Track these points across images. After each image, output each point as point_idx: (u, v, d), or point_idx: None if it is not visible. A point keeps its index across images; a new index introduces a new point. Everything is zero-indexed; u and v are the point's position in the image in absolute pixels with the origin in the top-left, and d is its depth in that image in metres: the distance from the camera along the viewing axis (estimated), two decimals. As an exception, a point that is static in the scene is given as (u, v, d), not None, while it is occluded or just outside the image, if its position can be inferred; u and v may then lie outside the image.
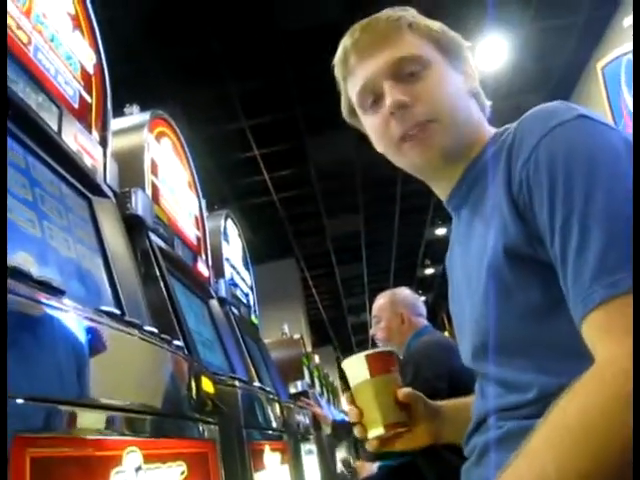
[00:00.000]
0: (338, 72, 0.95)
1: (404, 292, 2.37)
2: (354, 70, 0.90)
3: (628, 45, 4.13)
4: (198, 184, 2.56)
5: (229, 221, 3.17)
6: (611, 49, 4.47)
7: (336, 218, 7.77)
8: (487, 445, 0.79)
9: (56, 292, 0.69)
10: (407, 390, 0.91)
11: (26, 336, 0.61)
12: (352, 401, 0.91)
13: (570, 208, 0.66)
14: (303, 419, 2.56)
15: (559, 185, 0.67)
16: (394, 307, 2.29)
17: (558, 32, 4.87)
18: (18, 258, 0.87)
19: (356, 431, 0.91)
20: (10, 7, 1.16)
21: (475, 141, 0.88)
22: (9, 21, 1.16)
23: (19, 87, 1.14)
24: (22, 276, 0.63)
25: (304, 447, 2.38)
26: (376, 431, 0.87)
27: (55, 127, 1.27)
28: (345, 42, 0.92)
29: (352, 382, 0.90)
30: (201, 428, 1.11)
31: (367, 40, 0.88)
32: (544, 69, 5.37)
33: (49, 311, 0.65)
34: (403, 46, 0.86)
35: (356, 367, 0.88)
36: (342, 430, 2.83)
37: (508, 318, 0.75)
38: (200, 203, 2.55)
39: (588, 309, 0.62)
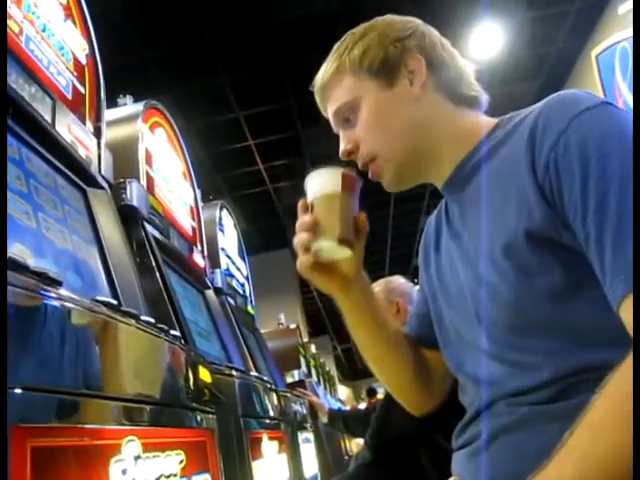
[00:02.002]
0: None
1: (399, 281, 2.37)
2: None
3: (622, 33, 4.13)
4: (193, 174, 2.55)
5: (224, 211, 3.17)
6: (605, 37, 4.47)
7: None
8: (500, 430, 0.77)
9: (53, 283, 0.69)
10: (364, 216, 0.92)
11: (24, 327, 0.61)
12: (307, 210, 0.90)
13: (605, 189, 0.65)
14: (300, 408, 2.58)
15: (592, 167, 0.67)
16: (389, 296, 2.29)
17: (552, 20, 4.86)
18: (14, 249, 0.87)
19: (301, 237, 0.88)
20: (1, -3, 1.15)
21: (452, 133, 0.87)
22: (1, 11, 1.15)
23: (12, 78, 1.14)
24: (19, 267, 0.63)
25: (301, 436, 2.40)
26: (327, 242, 0.85)
27: (49, 118, 1.26)
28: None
29: (319, 191, 0.87)
30: (199, 417, 1.12)
31: (317, 95, 0.95)
32: (538, 57, 5.36)
33: (46, 301, 0.65)
34: (335, 98, 0.91)
35: (328, 179, 0.87)
36: (338, 419, 2.84)
37: (526, 299, 0.74)
38: (195, 193, 2.54)
39: (629, 289, 0.61)
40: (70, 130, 1.36)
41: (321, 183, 0.88)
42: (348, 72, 0.89)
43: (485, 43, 5.01)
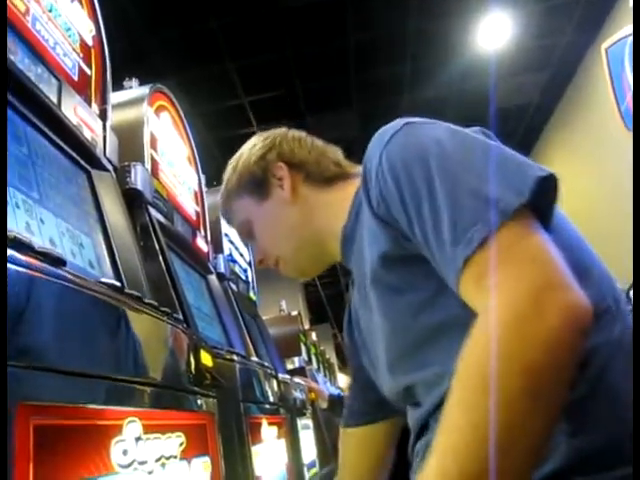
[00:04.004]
0: None
1: None
2: None
3: (633, 25, 4.08)
4: (198, 159, 2.55)
5: (228, 197, 3.16)
6: (615, 29, 4.43)
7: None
8: (428, 447, 0.80)
9: (57, 263, 0.69)
10: None
11: (28, 306, 0.61)
12: None
13: (417, 198, 0.71)
14: (300, 394, 2.59)
15: (403, 183, 0.73)
16: None
17: (562, 11, 4.81)
18: (19, 229, 0.87)
19: None
20: (9, -25, 1.14)
21: (330, 215, 0.98)
22: (8, -10, 1.14)
23: (18, 58, 1.13)
24: (23, 246, 0.63)
25: (300, 422, 2.41)
26: None
27: (55, 99, 1.26)
28: None
29: None
30: (200, 401, 1.13)
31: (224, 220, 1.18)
32: (547, 48, 5.31)
33: (50, 281, 0.66)
34: (233, 221, 1.12)
35: None
36: (338, 405, 2.86)
37: (404, 319, 0.79)
38: (199, 178, 2.54)
39: (457, 276, 0.65)
40: (76, 112, 1.36)
41: None
42: (234, 197, 1.07)
43: (494, 34, 4.97)
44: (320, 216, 1.00)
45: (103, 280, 0.84)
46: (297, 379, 2.75)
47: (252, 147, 1.08)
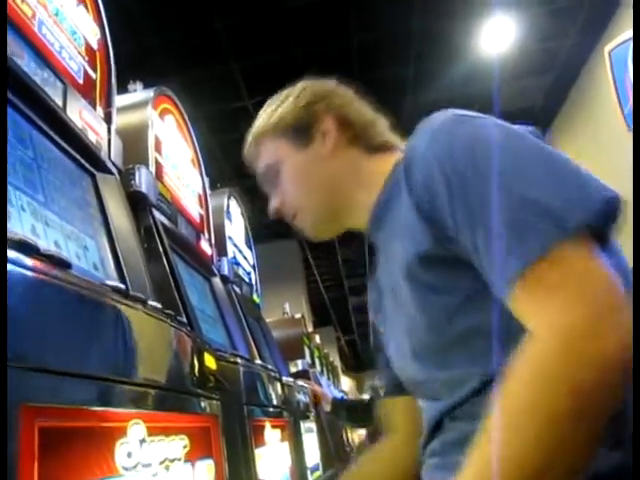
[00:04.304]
0: None
1: None
2: None
3: (637, 28, 4.08)
4: (202, 162, 2.55)
5: (232, 200, 3.17)
6: (619, 32, 4.43)
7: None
8: (447, 446, 0.80)
9: (62, 265, 0.69)
10: None
11: (33, 308, 0.62)
12: None
13: (468, 201, 0.69)
14: (303, 397, 2.59)
15: (454, 184, 0.70)
16: None
17: (565, 14, 4.81)
18: (24, 232, 0.87)
19: None
20: (15, -20, 1.15)
21: (365, 182, 0.95)
22: (14, -6, 1.15)
23: (24, 62, 1.14)
24: (29, 248, 0.63)
25: (304, 425, 2.41)
26: None
27: (60, 103, 1.27)
28: None
29: None
30: (203, 403, 1.13)
31: (246, 160, 1.09)
32: (551, 51, 5.32)
33: (55, 283, 0.66)
34: (259, 162, 1.04)
35: None
36: (342, 408, 2.86)
37: (440, 319, 0.77)
38: (203, 181, 2.54)
39: (508, 285, 0.63)
40: (81, 115, 1.37)
41: None
42: (269, 136, 1.01)
43: (497, 37, 4.97)
44: (354, 181, 0.96)
45: (107, 283, 0.84)
46: (300, 382, 2.75)
47: (301, 91, 1.01)
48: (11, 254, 0.59)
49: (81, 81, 1.45)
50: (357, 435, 5.39)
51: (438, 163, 0.73)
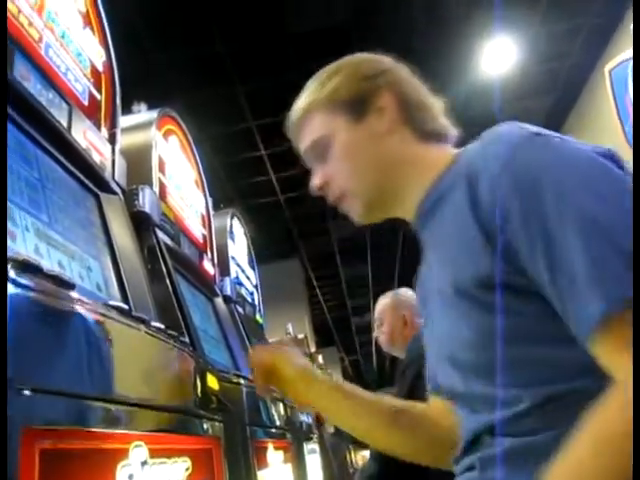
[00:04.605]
0: None
1: (407, 293, 2.35)
2: None
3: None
4: (205, 183, 2.56)
5: (235, 220, 3.18)
6: (619, 52, 4.46)
7: (341, 219, 7.74)
8: (487, 461, 0.77)
9: (66, 286, 0.69)
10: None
11: (36, 328, 0.61)
12: None
13: (547, 229, 0.65)
14: (306, 418, 2.57)
15: (531, 209, 0.67)
16: (396, 309, 2.27)
17: (566, 35, 4.86)
18: (28, 252, 0.87)
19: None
20: (22, 4, 1.17)
21: (417, 169, 0.89)
22: (21, 19, 1.17)
23: (30, 84, 1.15)
24: (33, 269, 0.63)
25: (307, 446, 2.39)
26: None
27: (65, 124, 1.28)
28: None
29: None
30: (206, 425, 1.12)
31: (289, 131, 0.99)
32: (552, 72, 5.36)
33: (59, 304, 0.66)
34: (306, 134, 0.94)
35: None
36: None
37: (490, 340, 0.74)
38: (207, 201, 2.55)
39: (590, 327, 0.61)
40: (85, 136, 1.38)
41: None
42: (320, 109, 0.92)
43: (498, 58, 5.01)
44: (407, 166, 0.89)
45: (110, 303, 0.84)
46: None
47: (360, 62, 0.93)
48: (14, 274, 0.59)
49: (86, 102, 1.46)
50: (361, 456, 5.33)
51: (513, 181, 0.69)
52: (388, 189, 0.91)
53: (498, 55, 4.98)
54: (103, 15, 1.61)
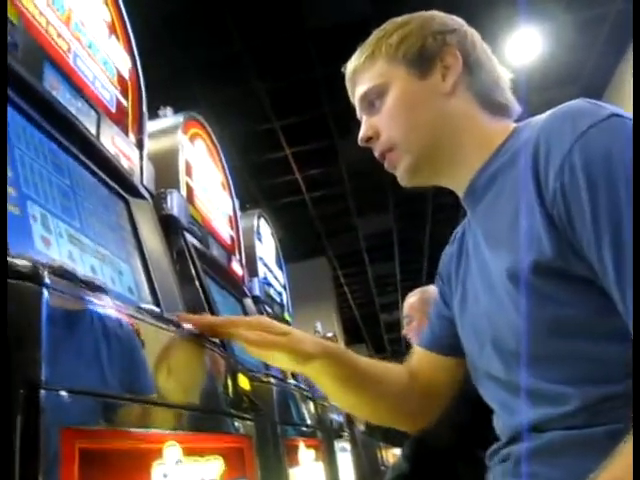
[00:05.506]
0: None
1: (435, 291, 2.33)
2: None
3: (666, 35, 4.02)
4: (231, 184, 2.59)
5: (262, 220, 3.20)
6: (647, 40, 4.37)
7: (367, 216, 7.75)
8: (526, 453, 0.75)
9: (99, 290, 0.71)
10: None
11: (72, 332, 0.63)
12: None
13: (618, 219, 0.62)
14: (337, 417, 2.58)
15: (601, 198, 0.63)
16: (425, 306, 2.26)
17: (592, 23, 4.77)
18: (62, 258, 0.90)
19: None
20: (50, 16, 1.20)
21: (474, 137, 0.85)
22: (50, 30, 1.20)
23: (60, 93, 1.18)
24: (68, 275, 0.65)
25: (338, 444, 2.39)
26: None
27: (94, 131, 1.31)
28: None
29: None
30: (237, 424, 1.13)
31: (347, 78, 0.95)
32: (578, 62, 5.26)
33: (93, 308, 0.68)
34: (364, 80, 0.90)
35: None
36: (376, 427, 2.83)
37: (540, 330, 0.72)
38: (234, 203, 2.58)
39: None
40: (114, 142, 1.41)
41: None
42: (383, 57, 0.88)
43: (523, 49, 4.95)
44: (465, 132, 0.85)
45: (142, 306, 0.86)
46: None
47: (431, 17, 0.89)
48: (51, 280, 0.61)
49: (113, 109, 1.49)
50: (392, 454, 5.31)
51: (585, 162, 0.65)
52: (440, 151, 0.86)
53: (523, 46, 4.92)
54: (127, 23, 1.64)
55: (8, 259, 0.61)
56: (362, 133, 0.91)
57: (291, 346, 0.94)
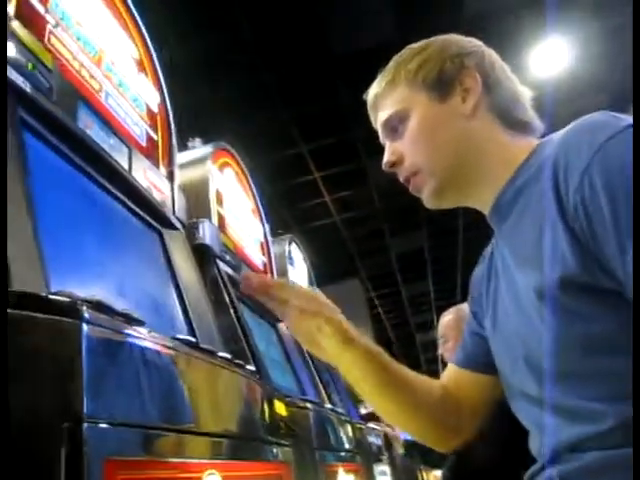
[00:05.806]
0: None
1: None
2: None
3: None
4: (262, 211, 2.62)
5: (293, 245, 3.22)
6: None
7: (399, 236, 7.72)
8: (568, 477, 0.73)
9: (137, 322, 0.73)
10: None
11: (111, 365, 0.65)
12: None
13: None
14: (375, 440, 2.55)
15: (622, 210, 0.63)
16: (460, 324, 2.23)
17: (619, 30, 4.71)
18: (101, 292, 0.92)
19: None
20: (83, 59, 1.25)
21: (497, 156, 0.85)
22: (83, 72, 1.24)
23: (93, 131, 1.22)
24: (106, 309, 0.67)
25: (377, 468, 2.36)
26: None
27: (126, 166, 1.35)
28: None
29: None
30: (275, 450, 1.13)
31: (369, 104, 0.97)
32: (606, 70, 5.20)
33: (131, 341, 0.69)
34: (386, 107, 0.92)
35: None
36: (414, 449, 2.79)
37: (571, 347, 0.71)
38: (265, 229, 2.61)
39: None
40: (145, 175, 1.44)
41: None
42: (403, 83, 0.90)
43: (550, 59, 4.92)
44: (487, 152, 0.86)
45: (178, 337, 0.88)
46: (372, 424, 2.70)
47: (449, 41, 0.91)
48: (90, 315, 0.63)
49: (144, 143, 1.53)
50: (433, 477, 5.21)
51: (605, 178, 0.65)
52: (464, 173, 0.87)
53: (550, 56, 4.88)
54: (155, 59, 1.69)
55: (48, 296, 0.63)
56: (386, 158, 0.92)
57: (339, 321, 0.94)
